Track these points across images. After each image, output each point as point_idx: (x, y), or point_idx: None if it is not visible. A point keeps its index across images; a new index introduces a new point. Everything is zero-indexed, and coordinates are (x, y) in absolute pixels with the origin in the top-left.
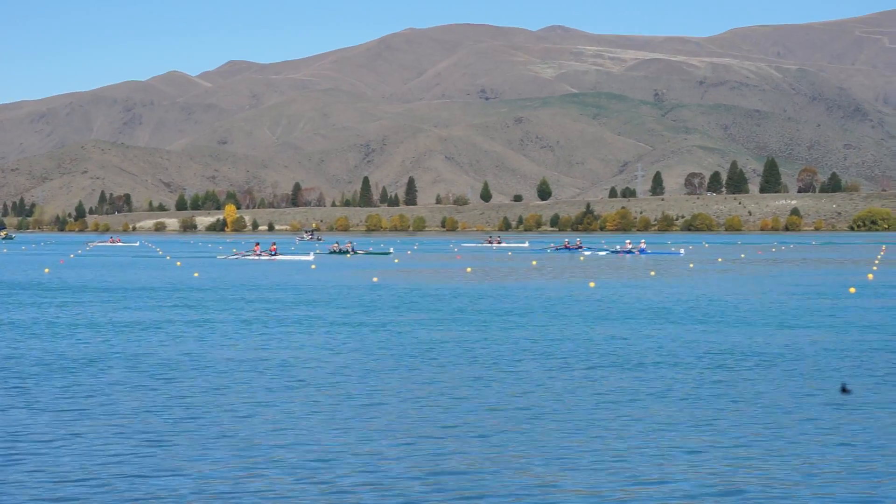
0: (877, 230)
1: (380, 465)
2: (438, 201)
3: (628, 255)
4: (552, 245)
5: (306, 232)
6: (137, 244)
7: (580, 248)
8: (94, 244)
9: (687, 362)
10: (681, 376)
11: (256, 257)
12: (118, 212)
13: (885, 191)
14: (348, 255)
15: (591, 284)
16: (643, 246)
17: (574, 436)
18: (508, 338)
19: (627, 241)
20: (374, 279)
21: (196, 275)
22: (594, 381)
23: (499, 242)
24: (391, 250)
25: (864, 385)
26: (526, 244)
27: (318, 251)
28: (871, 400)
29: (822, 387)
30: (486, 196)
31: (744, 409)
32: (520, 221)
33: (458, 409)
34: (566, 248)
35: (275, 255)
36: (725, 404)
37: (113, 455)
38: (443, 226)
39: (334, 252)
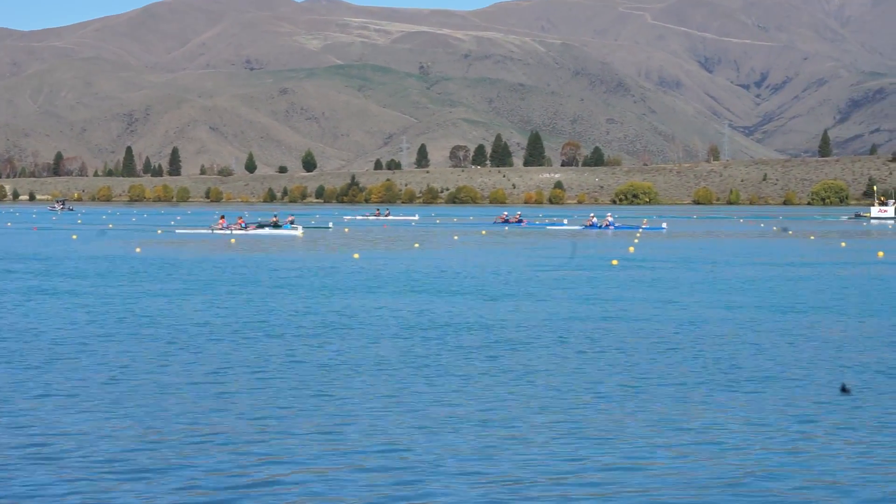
0: (638, 204)
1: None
2: (203, 172)
3: (594, 230)
4: (496, 218)
5: (58, 202)
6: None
7: (521, 221)
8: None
9: (412, 333)
10: (400, 346)
11: (224, 231)
12: None
13: (646, 165)
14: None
15: (356, 256)
16: (611, 219)
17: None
18: (246, 310)
19: (592, 214)
20: (137, 250)
21: None
22: (312, 350)
23: (387, 215)
24: (330, 224)
25: (605, 347)
26: (416, 217)
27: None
28: (606, 361)
29: (557, 355)
30: (250, 167)
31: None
32: (285, 193)
33: (162, 374)
34: (504, 221)
35: (244, 227)
36: (435, 375)
37: None
38: (207, 197)
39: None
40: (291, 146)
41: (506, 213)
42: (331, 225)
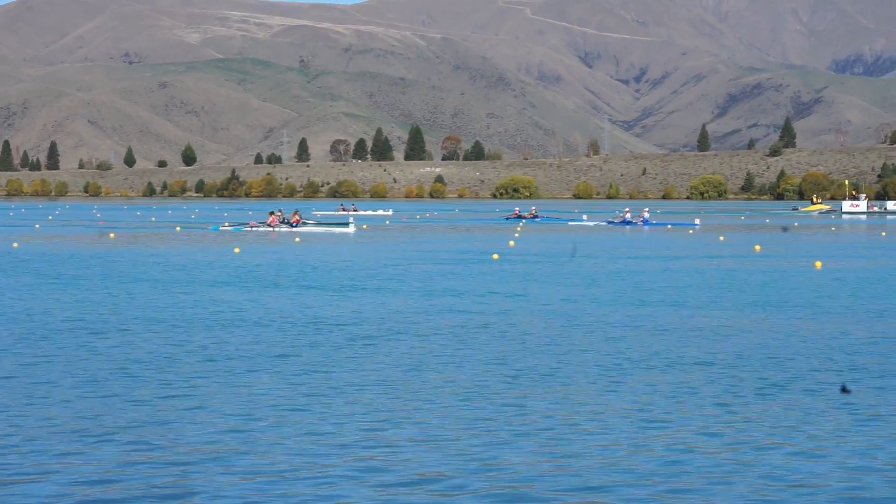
0: (519, 198)
1: None
2: (81, 166)
3: (628, 227)
4: (505, 214)
5: None
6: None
7: (535, 217)
8: None
9: (281, 327)
10: (263, 339)
11: (270, 229)
12: None
13: (526, 159)
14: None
15: (236, 251)
16: (646, 215)
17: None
18: (104, 305)
19: (626, 208)
20: (14, 245)
21: None
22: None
23: (354, 210)
24: (351, 220)
25: (482, 342)
26: (390, 212)
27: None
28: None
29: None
30: (129, 161)
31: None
32: (164, 187)
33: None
34: (517, 216)
35: (296, 226)
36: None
37: None
38: (86, 191)
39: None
40: (171, 140)
41: (518, 208)
42: (351, 220)
